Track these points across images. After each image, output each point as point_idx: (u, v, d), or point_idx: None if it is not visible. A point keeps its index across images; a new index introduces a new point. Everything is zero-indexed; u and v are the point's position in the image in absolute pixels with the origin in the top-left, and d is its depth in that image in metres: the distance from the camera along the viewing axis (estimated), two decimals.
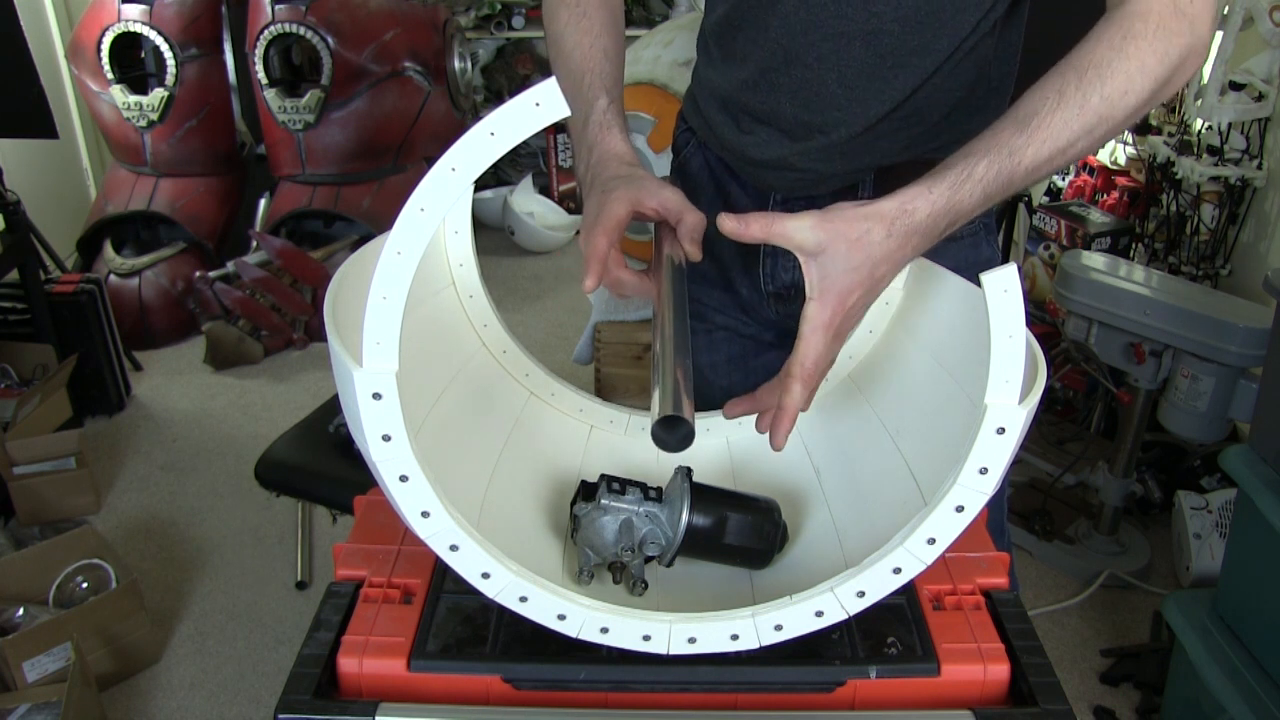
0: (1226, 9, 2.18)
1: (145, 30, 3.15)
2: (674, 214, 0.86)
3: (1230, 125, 2.28)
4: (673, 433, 0.60)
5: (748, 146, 1.02)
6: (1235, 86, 2.21)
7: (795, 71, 0.95)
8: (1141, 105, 0.78)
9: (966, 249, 1.04)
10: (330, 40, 3.16)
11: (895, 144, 0.96)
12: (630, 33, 2.14)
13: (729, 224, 0.75)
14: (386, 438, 0.62)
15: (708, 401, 1.15)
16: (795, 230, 0.74)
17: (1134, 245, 2.53)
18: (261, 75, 3.22)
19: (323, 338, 3.08)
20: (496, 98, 4.33)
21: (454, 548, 0.65)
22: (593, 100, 0.93)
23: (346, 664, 0.68)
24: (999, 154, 0.76)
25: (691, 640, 0.66)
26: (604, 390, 2.55)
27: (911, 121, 0.96)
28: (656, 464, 0.90)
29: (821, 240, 0.73)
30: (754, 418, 0.96)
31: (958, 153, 0.77)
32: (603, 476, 0.74)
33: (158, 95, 3.21)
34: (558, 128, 4.11)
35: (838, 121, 0.96)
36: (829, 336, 0.75)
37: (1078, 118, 0.76)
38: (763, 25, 0.95)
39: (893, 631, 0.71)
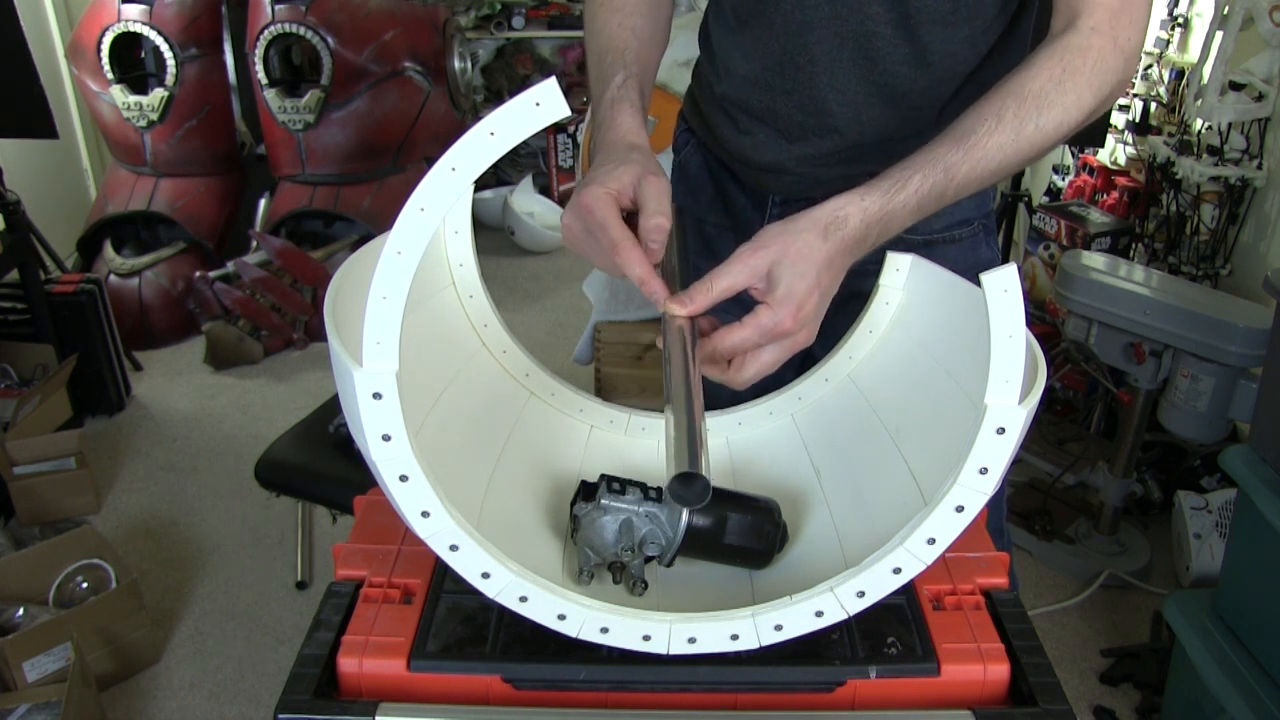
0: (1226, 9, 2.18)
1: (145, 30, 3.15)
2: (644, 210, 0.82)
3: (1230, 125, 2.28)
4: (690, 488, 0.60)
5: (746, 148, 1.02)
6: (1235, 86, 2.21)
7: (789, 72, 0.95)
8: (1071, 131, 0.82)
9: (966, 250, 1.04)
10: (330, 40, 3.16)
11: (891, 154, 0.95)
12: None
13: (676, 308, 0.76)
14: (386, 438, 0.62)
15: (708, 402, 1.15)
16: (737, 274, 0.75)
17: (1134, 245, 2.53)
18: (261, 75, 3.22)
19: (323, 338, 3.08)
20: (496, 98, 4.33)
21: (454, 548, 0.65)
22: (610, 77, 0.92)
23: (346, 664, 0.68)
24: (934, 168, 0.78)
25: (691, 640, 0.66)
26: (604, 390, 2.55)
27: (907, 132, 0.96)
28: (657, 464, 0.90)
29: (760, 265, 0.74)
30: (755, 418, 0.96)
31: (896, 164, 0.79)
32: (603, 476, 0.74)
33: (158, 95, 3.21)
34: (558, 128, 4.12)
35: (831, 128, 0.96)
36: (765, 338, 0.75)
37: (1012, 143, 0.79)
38: (766, 22, 0.94)
39: (893, 631, 0.71)
